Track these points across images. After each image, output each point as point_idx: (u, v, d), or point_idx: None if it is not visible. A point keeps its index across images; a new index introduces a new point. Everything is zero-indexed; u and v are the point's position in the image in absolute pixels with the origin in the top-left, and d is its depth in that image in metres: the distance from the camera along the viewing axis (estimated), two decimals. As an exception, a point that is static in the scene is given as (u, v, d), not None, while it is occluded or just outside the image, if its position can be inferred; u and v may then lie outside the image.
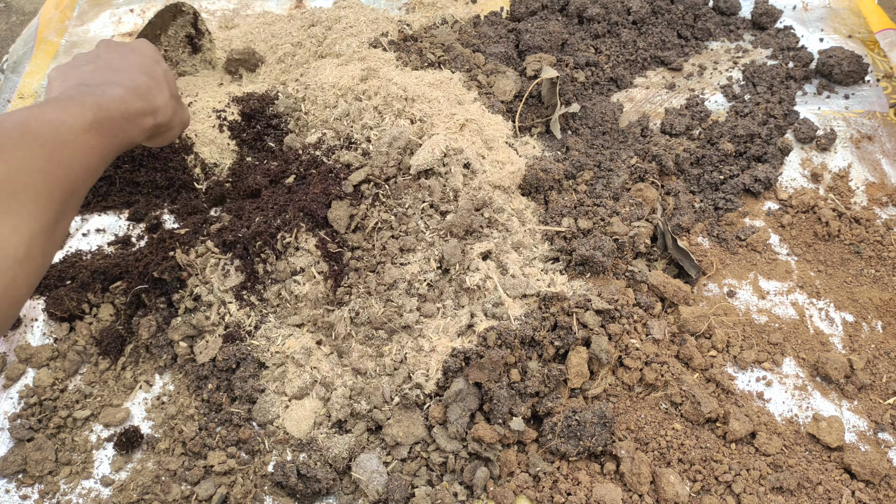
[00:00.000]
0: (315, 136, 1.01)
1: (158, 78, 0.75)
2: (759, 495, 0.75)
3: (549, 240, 0.96)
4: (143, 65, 0.75)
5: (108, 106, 0.65)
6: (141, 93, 0.70)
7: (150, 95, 0.72)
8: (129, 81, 0.70)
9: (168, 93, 0.75)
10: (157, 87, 0.74)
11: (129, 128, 0.68)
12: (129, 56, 0.76)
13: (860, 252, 0.99)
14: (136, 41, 0.81)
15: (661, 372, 0.84)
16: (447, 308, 0.86)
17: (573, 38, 1.28)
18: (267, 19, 1.36)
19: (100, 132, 0.62)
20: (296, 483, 0.75)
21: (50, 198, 0.54)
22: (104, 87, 0.68)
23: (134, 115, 0.68)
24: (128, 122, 0.67)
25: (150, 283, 0.90)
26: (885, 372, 0.87)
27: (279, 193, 0.95)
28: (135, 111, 0.68)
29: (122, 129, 0.66)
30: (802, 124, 1.13)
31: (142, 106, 0.70)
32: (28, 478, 0.79)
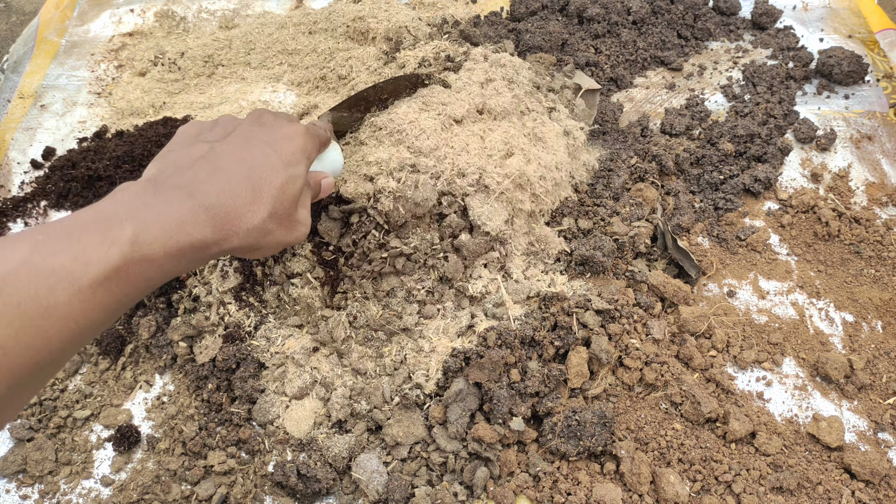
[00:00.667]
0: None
1: (266, 189, 0.58)
2: (759, 495, 0.75)
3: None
4: (261, 167, 0.58)
5: (152, 241, 0.49)
6: (217, 213, 0.54)
7: (229, 218, 0.55)
8: (212, 191, 0.54)
9: (267, 211, 0.58)
10: (250, 204, 0.56)
11: (171, 266, 0.51)
12: (255, 149, 0.59)
13: (860, 252, 0.99)
14: (293, 128, 0.64)
15: (661, 372, 0.84)
16: (447, 310, 0.86)
17: (573, 38, 1.28)
18: (266, 20, 1.36)
19: (121, 281, 0.47)
20: (296, 483, 0.75)
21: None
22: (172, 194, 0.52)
23: (187, 249, 0.52)
24: (172, 260, 0.51)
25: None
26: (885, 372, 0.87)
27: None
28: (191, 244, 0.52)
29: (161, 268, 0.50)
30: (802, 124, 1.13)
31: (205, 235, 0.53)
32: (28, 478, 0.79)
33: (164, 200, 0.52)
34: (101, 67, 1.29)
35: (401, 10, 1.27)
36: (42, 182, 1.09)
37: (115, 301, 0.47)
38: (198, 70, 1.28)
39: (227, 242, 0.55)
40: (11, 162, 1.12)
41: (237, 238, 0.56)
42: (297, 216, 0.63)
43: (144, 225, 0.49)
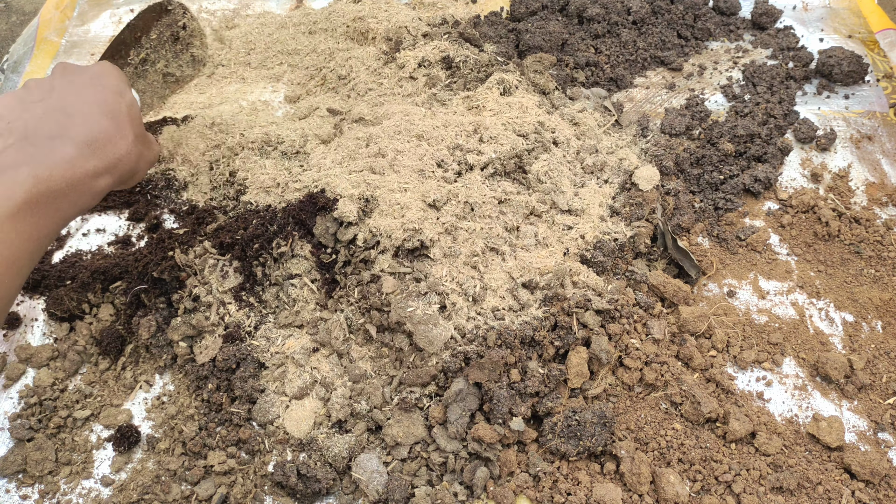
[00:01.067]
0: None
1: (122, 117, 0.65)
2: (759, 495, 0.75)
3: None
4: (105, 101, 0.64)
5: (50, 175, 0.55)
6: (98, 145, 0.60)
7: (108, 147, 0.61)
8: (83, 131, 0.60)
9: (132, 134, 0.65)
10: (118, 133, 0.63)
11: (75, 196, 0.57)
12: (87, 91, 0.65)
13: (860, 252, 0.99)
14: (98, 66, 0.70)
15: (661, 372, 0.84)
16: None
17: (573, 38, 1.28)
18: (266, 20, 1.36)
19: (32, 212, 0.53)
20: (296, 483, 0.75)
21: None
22: (51, 143, 0.57)
23: (84, 179, 0.58)
24: (75, 190, 0.57)
25: (150, 283, 0.90)
26: (885, 372, 0.87)
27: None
28: (85, 173, 0.58)
29: (67, 199, 0.57)
30: (802, 124, 1.13)
31: (96, 165, 0.60)
32: (28, 478, 0.79)
33: (46, 148, 0.57)
34: (101, 67, 1.29)
35: (401, 10, 1.27)
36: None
37: (34, 232, 0.54)
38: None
39: (115, 169, 0.62)
40: (11, 162, 1.12)
41: (121, 164, 0.63)
42: (148, 136, 0.71)
43: (38, 167, 0.54)
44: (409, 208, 0.86)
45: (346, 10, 1.31)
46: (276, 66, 1.29)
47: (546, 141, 1.00)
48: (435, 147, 0.96)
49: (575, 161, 1.03)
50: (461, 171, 0.94)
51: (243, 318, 0.87)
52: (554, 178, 0.97)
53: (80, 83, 0.66)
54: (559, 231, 0.94)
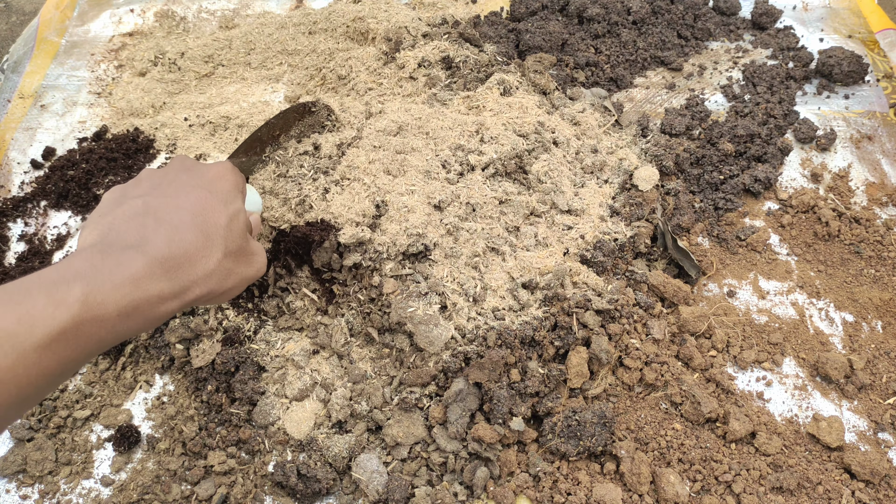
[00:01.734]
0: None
1: (216, 231, 0.57)
2: (759, 495, 0.75)
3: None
4: (203, 210, 0.57)
5: (104, 301, 0.47)
6: (173, 264, 0.52)
7: (185, 267, 0.53)
8: (162, 245, 0.52)
9: (221, 252, 0.57)
10: (204, 250, 0.55)
11: (125, 324, 0.49)
12: (190, 195, 0.58)
13: (860, 252, 0.99)
14: (217, 167, 0.63)
15: (661, 372, 0.84)
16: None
17: (573, 38, 1.28)
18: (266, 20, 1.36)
19: (69, 343, 0.44)
20: (296, 483, 0.75)
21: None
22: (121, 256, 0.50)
23: (143, 304, 0.50)
24: (127, 318, 0.49)
25: None
26: (885, 372, 0.87)
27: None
28: (147, 298, 0.50)
29: (114, 327, 0.48)
30: (802, 124, 1.13)
31: (163, 289, 0.51)
32: (28, 478, 0.79)
33: (115, 260, 0.49)
34: (101, 67, 1.29)
35: (401, 11, 1.27)
36: (42, 182, 1.09)
37: (61, 364, 0.45)
38: (198, 70, 1.28)
39: (189, 293, 0.54)
40: (11, 162, 1.12)
41: (197, 286, 0.54)
42: (250, 248, 0.62)
43: (95, 284, 0.47)
44: (414, 212, 0.86)
45: (345, 11, 1.31)
46: (276, 66, 1.29)
47: (546, 141, 1.00)
48: (440, 147, 0.96)
49: (575, 161, 1.03)
50: (463, 171, 0.94)
51: (242, 322, 0.87)
52: (554, 179, 0.97)
53: (188, 184, 0.59)
54: (559, 231, 0.94)
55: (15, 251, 1.01)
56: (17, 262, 0.99)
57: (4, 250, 1.01)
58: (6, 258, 1.00)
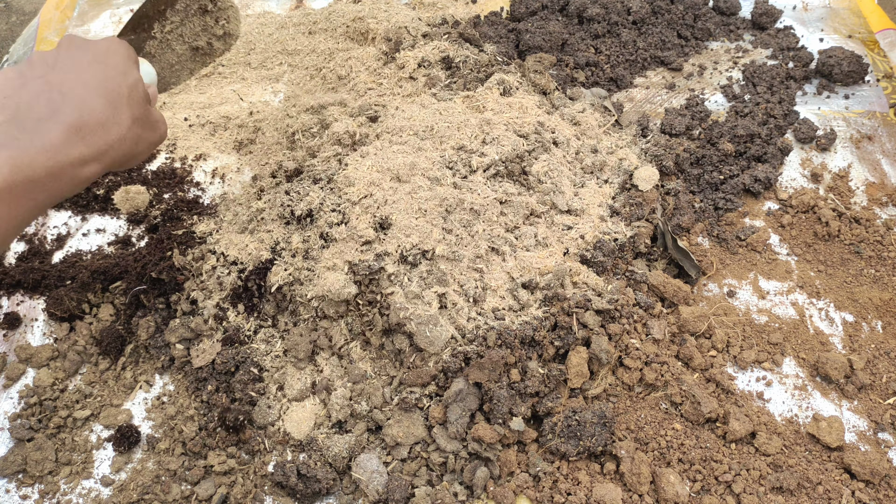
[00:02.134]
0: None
1: (120, 99, 0.62)
2: (759, 495, 0.75)
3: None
4: (104, 81, 0.61)
5: (30, 163, 0.52)
6: (87, 130, 0.57)
7: (99, 132, 0.59)
8: (74, 114, 0.57)
9: (129, 118, 0.62)
10: (113, 117, 0.60)
11: (56, 185, 0.55)
12: (88, 69, 0.62)
13: (860, 252, 0.99)
14: (105, 41, 0.67)
15: (661, 372, 0.84)
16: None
17: (573, 38, 1.28)
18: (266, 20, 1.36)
19: (5, 201, 0.50)
20: (296, 483, 0.75)
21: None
22: (38, 126, 0.55)
23: (67, 167, 0.55)
24: (55, 179, 0.54)
25: (149, 284, 0.90)
26: (885, 372, 0.87)
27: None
28: (69, 161, 0.55)
29: (46, 188, 0.54)
30: (802, 124, 1.13)
31: (82, 152, 0.57)
32: (28, 478, 0.79)
33: (32, 131, 0.54)
34: (101, 67, 1.29)
35: (401, 11, 1.27)
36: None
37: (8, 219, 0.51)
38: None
39: (106, 155, 0.59)
40: (11, 162, 1.12)
41: (113, 149, 0.60)
42: (153, 116, 0.67)
43: (19, 151, 0.52)
44: (418, 223, 0.85)
45: (345, 11, 1.31)
46: (275, 66, 1.29)
47: (546, 141, 1.00)
48: (444, 147, 0.95)
49: (575, 161, 1.03)
50: (466, 174, 0.94)
51: (242, 322, 0.87)
52: (554, 179, 0.97)
53: (83, 60, 0.63)
54: (559, 231, 0.94)
55: (15, 251, 1.01)
56: (17, 262, 0.99)
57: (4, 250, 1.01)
58: (6, 258, 1.00)
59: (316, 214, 0.88)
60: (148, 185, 1.08)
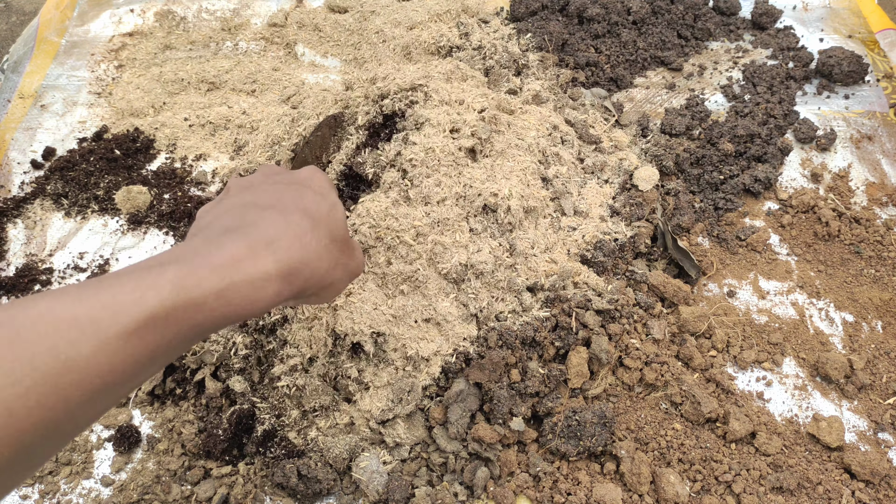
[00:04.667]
0: None
1: (319, 216, 0.52)
2: (759, 495, 0.75)
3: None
4: (304, 198, 0.53)
5: (198, 283, 0.42)
6: (280, 245, 0.47)
7: (293, 248, 0.48)
8: (267, 228, 0.48)
9: (327, 237, 0.52)
10: (311, 231, 0.50)
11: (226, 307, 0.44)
12: (288, 189, 0.54)
13: (860, 252, 0.99)
14: (306, 170, 0.60)
15: (661, 372, 0.84)
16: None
17: (573, 38, 1.28)
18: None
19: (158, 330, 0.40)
20: (296, 483, 0.75)
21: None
22: (220, 239, 0.46)
23: (244, 287, 0.44)
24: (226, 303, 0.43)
25: None
26: (885, 372, 0.87)
27: None
28: (248, 280, 0.44)
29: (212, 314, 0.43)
30: (802, 124, 1.13)
31: (268, 269, 0.46)
32: (28, 478, 0.79)
33: (216, 244, 0.45)
34: (101, 67, 1.29)
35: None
36: (42, 182, 1.09)
37: (151, 352, 0.40)
38: (200, 88, 1.28)
39: (296, 275, 0.48)
40: (11, 162, 1.12)
41: (307, 268, 0.49)
42: (353, 240, 0.58)
43: (191, 267, 0.42)
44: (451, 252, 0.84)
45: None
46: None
47: (557, 143, 1.00)
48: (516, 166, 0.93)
49: (576, 161, 1.03)
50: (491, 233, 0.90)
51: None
52: (563, 180, 0.97)
53: (282, 182, 0.56)
54: (564, 234, 0.94)
55: (14, 251, 1.01)
56: (17, 276, 0.99)
57: (5, 250, 1.01)
58: (6, 258, 1.00)
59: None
60: (148, 185, 1.08)
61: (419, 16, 1.28)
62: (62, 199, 1.07)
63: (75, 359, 0.36)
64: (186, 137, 1.16)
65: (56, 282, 0.97)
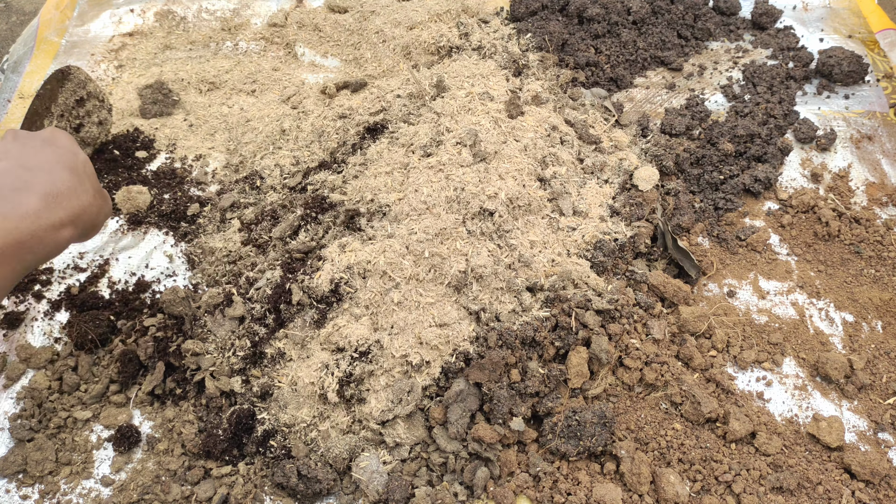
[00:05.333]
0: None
1: (80, 172, 0.65)
2: (759, 495, 0.75)
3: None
4: (63, 157, 0.65)
5: (16, 227, 0.56)
6: (61, 198, 0.61)
7: (72, 199, 0.62)
8: (47, 184, 0.61)
9: (91, 188, 0.66)
10: (80, 186, 0.64)
11: (40, 248, 0.58)
12: (43, 150, 0.65)
13: (860, 252, 0.99)
14: (46, 131, 0.70)
15: (661, 372, 0.84)
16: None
17: (573, 38, 1.28)
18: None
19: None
20: (296, 483, 0.75)
21: None
22: (16, 196, 0.58)
23: (48, 230, 0.59)
24: (40, 242, 0.58)
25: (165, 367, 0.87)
26: (885, 372, 0.87)
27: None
28: (50, 225, 0.59)
29: (31, 251, 0.58)
30: (802, 124, 1.13)
31: (60, 217, 0.60)
32: (28, 478, 0.79)
33: (11, 200, 0.57)
34: (101, 67, 1.29)
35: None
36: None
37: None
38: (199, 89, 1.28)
39: (79, 221, 0.62)
40: (11, 162, 1.12)
41: (85, 214, 0.63)
42: (103, 191, 0.71)
43: (4, 219, 0.55)
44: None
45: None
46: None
47: (556, 143, 1.00)
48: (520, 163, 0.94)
49: (575, 161, 1.03)
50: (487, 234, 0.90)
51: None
52: (562, 180, 0.97)
53: (34, 145, 0.66)
54: (563, 234, 0.94)
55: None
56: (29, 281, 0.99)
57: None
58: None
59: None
60: (148, 185, 1.08)
61: (419, 16, 1.28)
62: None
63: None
64: (186, 137, 1.16)
65: (56, 282, 0.97)
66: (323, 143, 1.10)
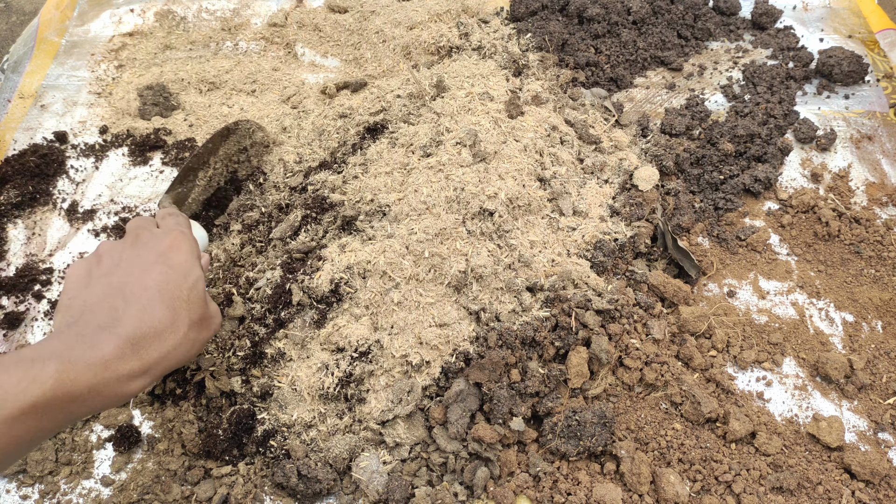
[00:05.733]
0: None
1: (180, 305, 0.60)
2: (759, 495, 0.75)
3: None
4: (168, 286, 0.60)
5: (75, 378, 0.50)
6: (144, 343, 0.56)
7: (156, 343, 0.57)
8: (134, 324, 0.56)
9: (186, 325, 0.60)
10: (172, 325, 0.59)
11: (93, 401, 0.53)
12: (152, 270, 0.61)
13: (860, 252, 0.99)
14: (171, 238, 0.65)
15: (661, 372, 0.84)
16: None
17: (573, 38, 1.28)
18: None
19: (39, 417, 0.48)
20: (296, 483, 0.75)
21: None
22: (95, 336, 0.54)
23: (113, 382, 0.53)
24: (96, 395, 0.52)
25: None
26: (885, 372, 0.87)
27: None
28: (117, 377, 0.54)
29: (83, 403, 0.52)
30: (802, 124, 1.13)
31: (132, 367, 0.55)
32: (28, 478, 0.79)
33: (88, 342, 0.53)
34: (101, 67, 1.29)
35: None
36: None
37: (30, 436, 0.48)
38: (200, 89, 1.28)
39: (156, 368, 0.57)
40: (11, 162, 1.12)
41: (165, 360, 0.58)
42: (209, 313, 0.65)
43: (69, 364, 0.50)
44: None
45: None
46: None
47: (556, 143, 1.00)
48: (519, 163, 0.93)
49: (575, 161, 1.03)
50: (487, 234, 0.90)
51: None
52: (561, 180, 0.97)
53: (147, 258, 0.62)
54: (563, 234, 0.94)
55: (14, 251, 1.01)
56: (17, 276, 0.99)
57: (5, 250, 1.01)
58: (6, 258, 1.00)
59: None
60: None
61: (419, 16, 1.28)
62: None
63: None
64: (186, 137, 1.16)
65: (56, 282, 0.97)
66: (323, 141, 1.10)
